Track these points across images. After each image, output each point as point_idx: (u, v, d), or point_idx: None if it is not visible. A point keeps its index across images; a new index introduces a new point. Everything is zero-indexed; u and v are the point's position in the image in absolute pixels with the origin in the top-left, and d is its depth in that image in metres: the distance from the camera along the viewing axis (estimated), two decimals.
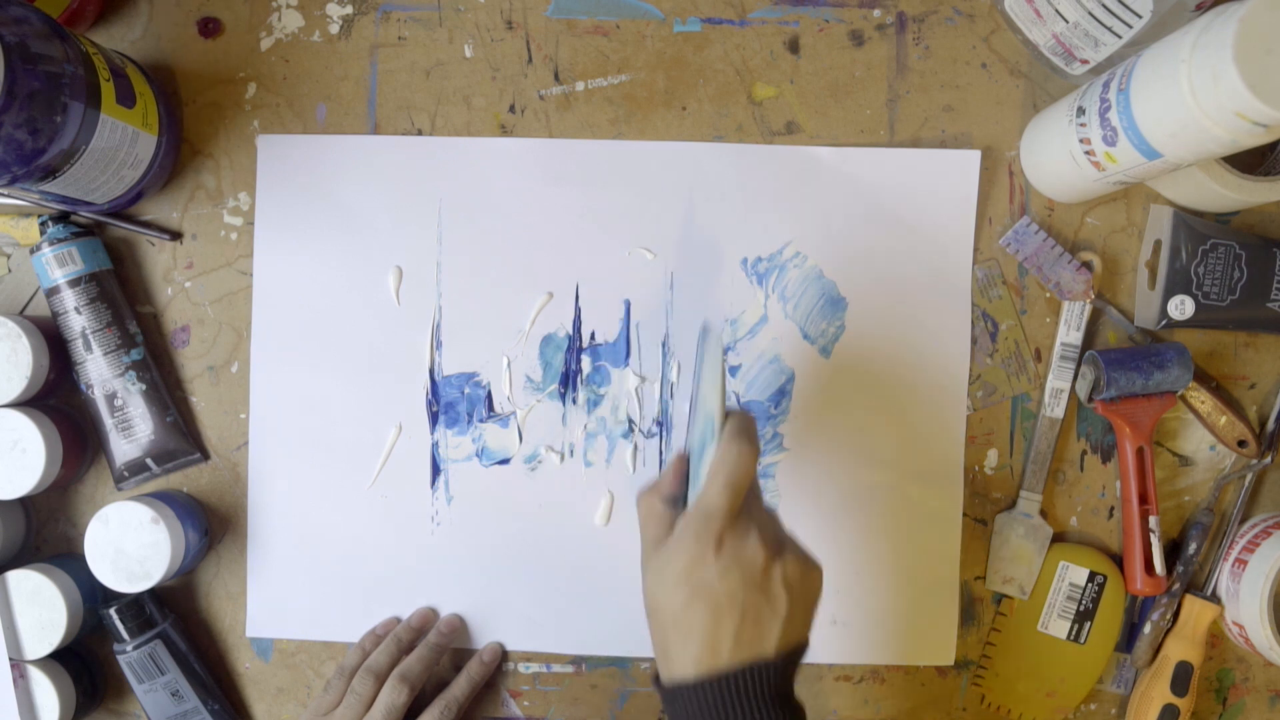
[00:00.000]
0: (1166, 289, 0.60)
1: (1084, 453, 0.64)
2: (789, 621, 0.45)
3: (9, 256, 0.63)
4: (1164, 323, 0.60)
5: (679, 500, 0.49)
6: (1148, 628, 0.62)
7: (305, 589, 0.63)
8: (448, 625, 0.62)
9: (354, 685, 0.57)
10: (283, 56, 0.63)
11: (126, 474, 0.61)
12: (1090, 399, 0.62)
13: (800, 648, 0.46)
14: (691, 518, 0.46)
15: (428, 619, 0.62)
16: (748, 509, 0.47)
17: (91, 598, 0.60)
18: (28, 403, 0.59)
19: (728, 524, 0.45)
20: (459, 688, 0.60)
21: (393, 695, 0.56)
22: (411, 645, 0.60)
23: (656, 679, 0.46)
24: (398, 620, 0.63)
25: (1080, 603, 0.61)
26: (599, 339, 0.63)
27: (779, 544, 0.47)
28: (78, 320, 0.59)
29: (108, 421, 0.61)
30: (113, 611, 0.59)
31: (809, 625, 0.47)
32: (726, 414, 0.48)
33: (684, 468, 0.50)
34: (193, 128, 0.63)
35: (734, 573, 0.44)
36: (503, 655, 0.63)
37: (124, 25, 0.63)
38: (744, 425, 0.47)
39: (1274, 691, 0.64)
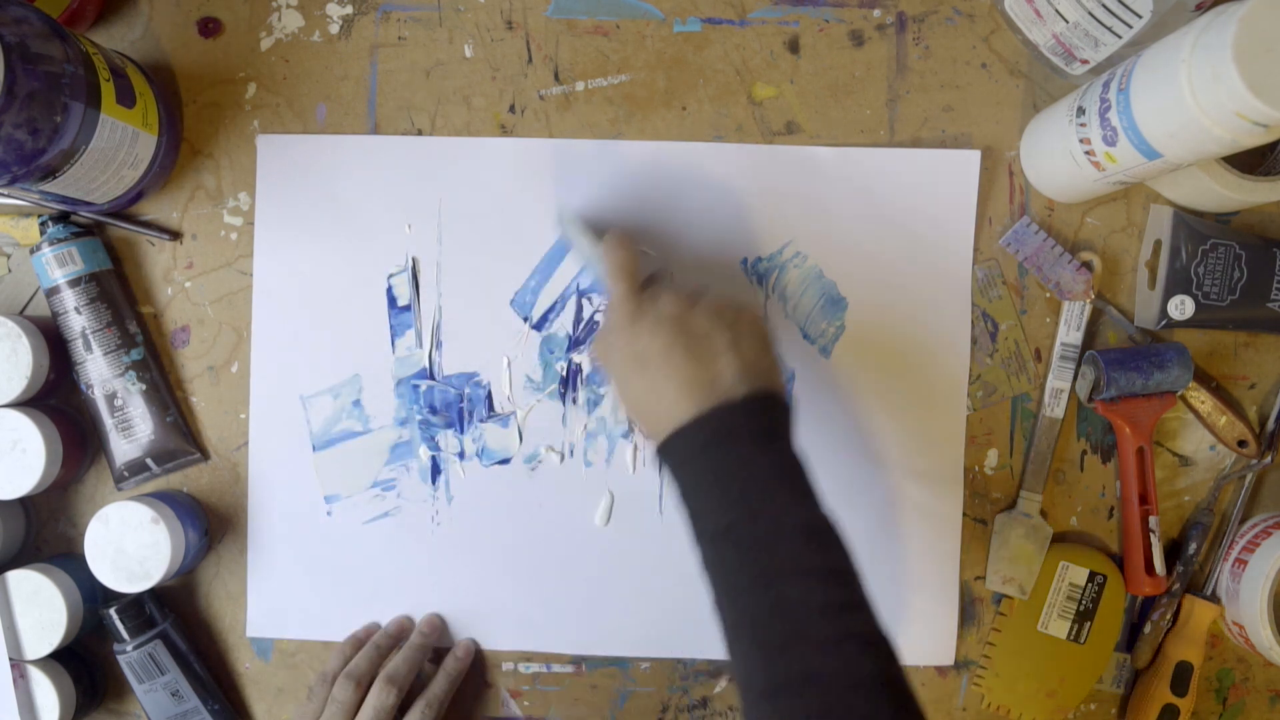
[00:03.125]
0: (1166, 289, 0.60)
1: (1084, 453, 0.64)
2: (736, 352, 0.48)
3: (9, 256, 0.63)
4: (1164, 323, 0.60)
5: None
6: (1148, 628, 0.62)
7: (305, 589, 0.63)
8: (429, 625, 0.62)
9: (334, 693, 0.57)
10: (283, 56, 0.63)
11: (126, 474, 0.61)
12: (1090, 399, 0.62)
13: (770, 393, 0.48)
14: (608, 312, 0.53)
15: (405, 627, 0.62)
16: (653, 283, 0.54)
17: (91, 598, 0.60)
18: (28, 403, 0.59)
19: (633, 301, 0.52)
20: (439, 685, 0.60)
21: (381, 697, 0.56)
22: (390, 652, 0.60)
23: (655, 451, 0.50)
24: (378, 626, 0.63)
25: (1080, 603, 0.61)
26: None
27: (694, 296, 0.51)
28: (78, 320, 0.59)
29: (108, 421, 0.61)
30: (113, 611, 0.59)
31: (770, 368, 0.50)
32: (596, 242, 0.55)
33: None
34: (193, 128, 0.63)
35: (659, 329, 0.49)
36: (477, 650, 0.63)
37: (124, 25, 0.63)
38: (613, 234, 0.55)
39: (1274, 691, 0.64)
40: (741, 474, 0.46)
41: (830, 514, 0.46)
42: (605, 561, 0.62)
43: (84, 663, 0.61)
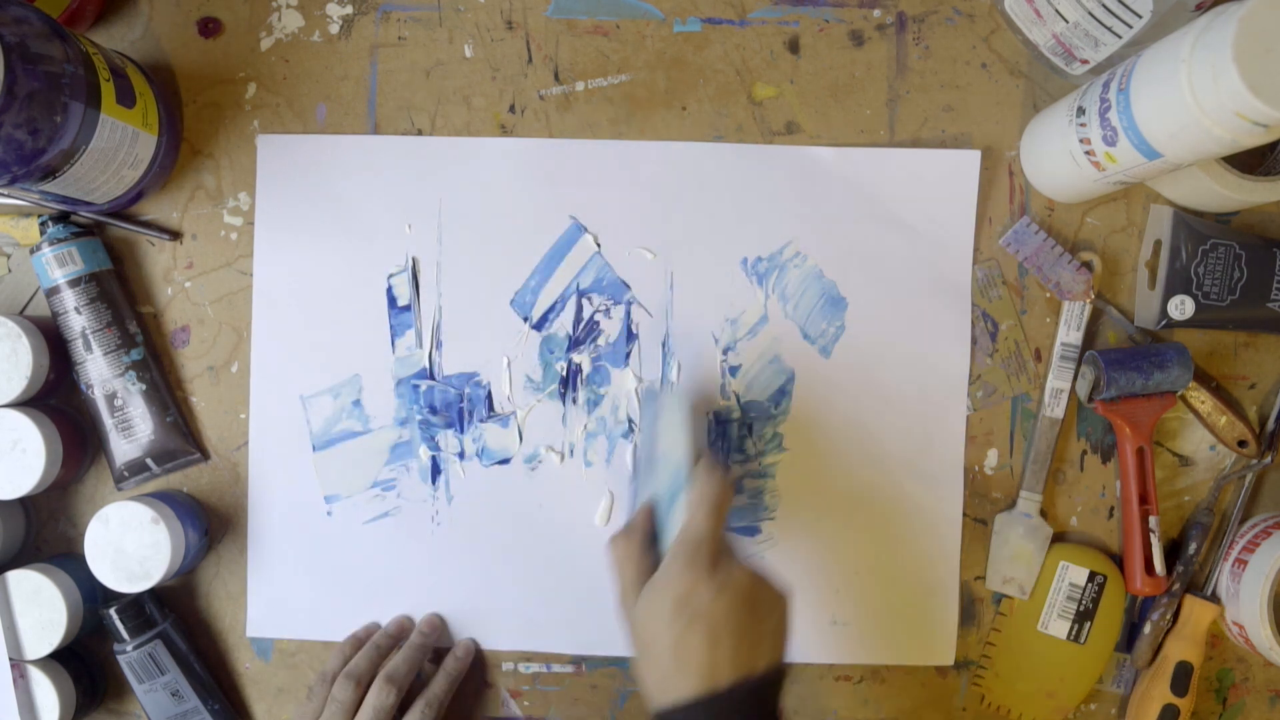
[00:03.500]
0: (1166, 289, 0.60)
1: (1084, 453, 0.64)
2: (774, 639, 0.48)
3: (9, 256, 0.63)
4: (1164, 323, 0.60)
5: (652, 545, 0.52)
6: (1148, 628, 0.62)
7: (305, 589, 0.63)
8: (429, 625, 0.62)
9: (334, 693, 0.57)
10: (283, 56, 0.63)
11: (126, 474, 0.61)
12: (1090, 399, 0.62)
13: (784, 668, 0.49)
14: (680, 548, 0.49)
15: (405, 627, 0.62)
16: (729, 540, 0.51)
17: (91, 598, 0.60)
18: (28, 403, 0.59)
19: (716, 548, 0.49)
20: (438, 685, 0.60)
21: (381, 697, 0.56)
22: (390, 651, 0.60)
23: (656, 710, 0.48)
24: (378, 626, 0.63)
25: (1080, 603, 0.61)
26: (599, 339, 0.63)
27: (757, 569, 0.50)
28: (78, 320, 0.59)
29: (108, 421, 0.61)
30: (113, 611, 0.59)
31: (786, 646, 0.50)
32: (697, 460, 0.52)
33: (651, 517, 0.54)
34: (193, 128, 0.63)
35: (726, 595, 0.47)
36: (477, 650, 0.63)
37: (124, 25, 0.63)
38: (715, 460, 0.52)
39: (1274, 691, 0.64)
40: None
41: None
42: (605, 561, 0.62)
43: (84, 663, 0.61)
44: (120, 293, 0.61)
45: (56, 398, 0.62)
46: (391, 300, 0.63)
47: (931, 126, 0.63)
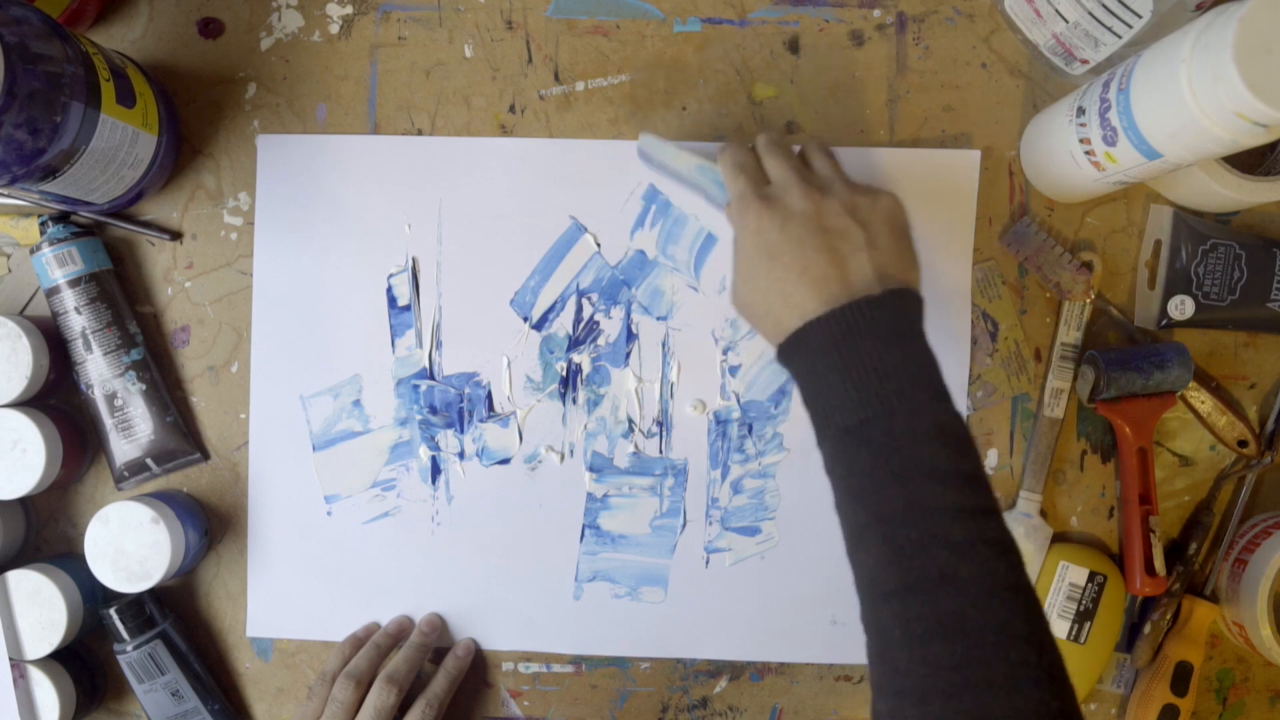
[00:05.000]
0: (1166, 289, 0.60)
1: (1084, 453, 0.64)
2: (873, 250, 0.47)
3: (9, 256, 0.63)
4: (1164, 323, 0.60)
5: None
6: (1148, 628, 0.62)
7: (305, 589, 0.63)
8: (429, 625, 0.62)
9: (334, 693, 0.57)
10: (283, 56, 0.63)
11: (126, 474, 0.61)
12: (1090, 399, 0.62)
13: (906, 289, 0.48)
14: (732, 204, 0.52)
15: (405, 627, 0.62)
16: (782, 181, 0.51)
17: (91, 598, 0.60)
18: (28, 403, 0.59)
19: (759, 195, 0.50)
20: (439, 685, 0.60)
21: (382, 697, 0.56)
22: (389, 651, 0.60)
23: (778, 350, 0.49)
24: (378, 626, 0.63)
25: (1080, 603, 0.61)
26: (599, 339, 0.63)
27: (825, 186, 0.50)
28: (78, 320, 0.59)
29: (108, 421, 0.61)
30: (113, 611, 0.59)
31: (906, 263, 0.49)
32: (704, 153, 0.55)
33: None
34: (193, 128, 0.63)
35: (789, 224, 0.48)
36: (477, 649, 0.63)
37: (124, 25, 0.63)
38: (728, 141, 0.55)
39: (1274, 691, 0.64)
40: (876, 371, 0.44)
41: (961, 416, 0.46)
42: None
43: (84, 663, 0.61)
44: (120, 293, 0.61)
45: (56, 398, 0.62)
46: (391, 300, 0.63)
47: (931, 126, 0.63)
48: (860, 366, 0.44)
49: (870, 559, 0.43)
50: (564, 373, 0.63)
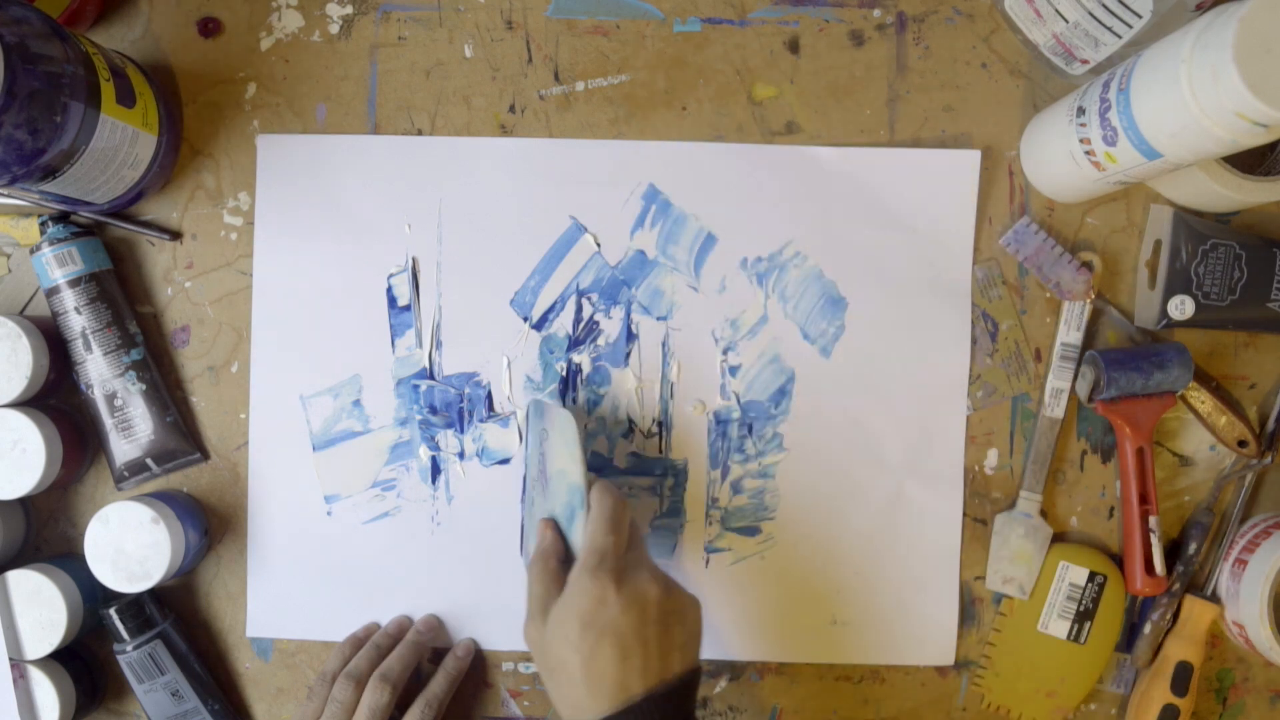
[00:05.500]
0: (1166, 289, 0.60)
1: (1084, 453, 0.64)
2: (685, 649, 0.49)
3: (9, 256, 0.63)
4: (1164, 323, 0.60)
5: (566, 566, 0.53)
6: (1148, 628, 0.62)
7: (305, 589, 0.63)
8: (425, 625, 0.62)
9: (334, 693, 0.57)
10: (283, 56, 0.63)
11: (126, 474, 0.61)
12: (1090, 399, 0.62)
13: (697, 672, 0.49)
14: (584, 561, 0.50)
15: (404, 627, 0.62)
16: (636, 552, 0.52)
17: (91, 598, 0.60)
18: (28, 403, 0.59)
19: (621, 561, 0.50)
20: (438, 684, 0.60)
21: (376, 696, 0.56)
22: (390, 651, 0.60)
23: None
24: (378, 626, 0.63)
25: (1080, 603, 0.61)
26: (599, 339, 0.63)
27: (665, 580, 0.50)
28: (78, 320, 0.59)
29: (108, 421, 0.61)
30: (113, 611, 0.59)
31: (698, 653, 0.51)
32: (588, 478, 0.53)
33: (559, 532, 0.55)
34: (193, 128, 0.63)
35: (634, 608, 0.48)
36: (477, 649, 0.63)
37: (124, 25, 0.63)
38: (604, 481, 0.53)
39: (1274, 691, 0.64)
40: None
41: None
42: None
43: (84, 663, 0.61)
44: (120, 293, 0.61)
45: (56, 398, 0.62)
46: (391, 300, 0.63)
47: (931, 126, 0.63)
48: None
49: None
50: (564, 373, 0.63)
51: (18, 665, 0.58)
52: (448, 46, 0.63)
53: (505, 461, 0.63)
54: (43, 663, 0.58)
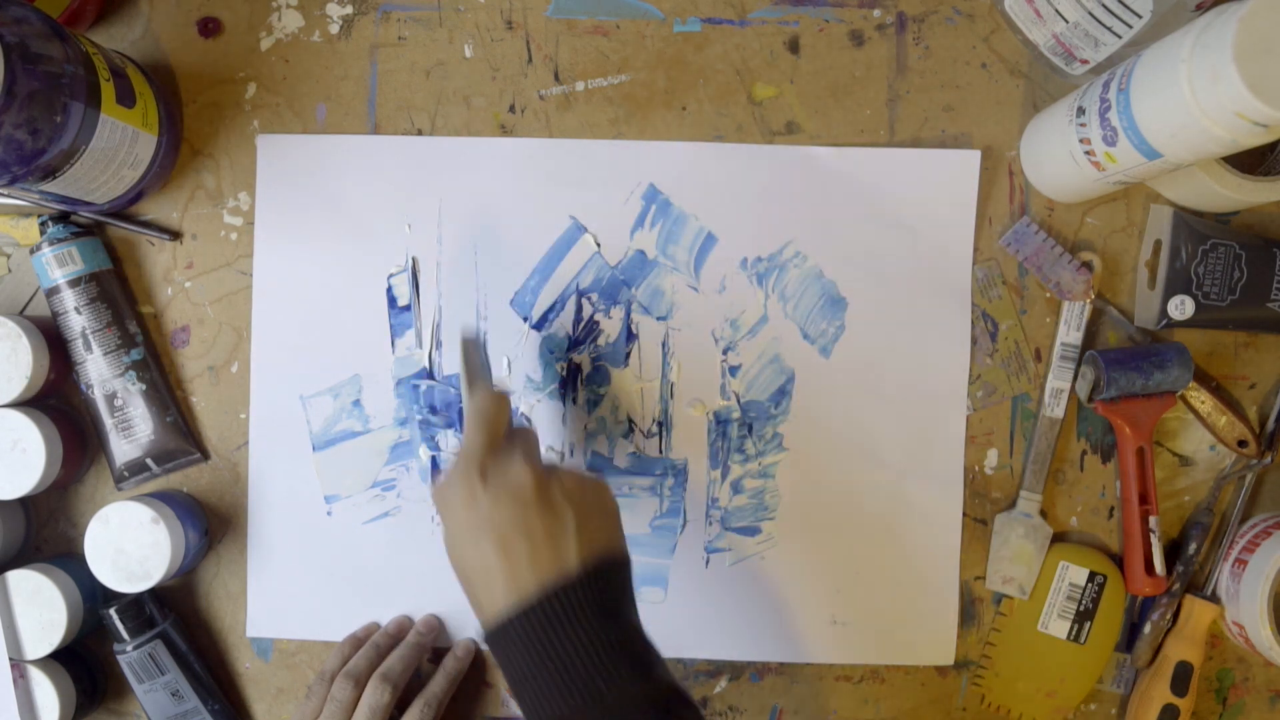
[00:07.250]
0: (1166, 289, 0.60)
1: (1084, 453, 0.64)
2: (582, 533, 0.46)
3: (9, 256, 0.63)
4: (1164, 323, 0.60)
5: None
6: (1148, 628, 0.62)
7: (305, 589, 0.63)
8: (426, 625, 0.62)
9: (334, 692, 0.57)
10: (283, 56, 0.63)
11: (126, 474, 0.61)
12: (1090, 399, 0.62)
13: (611, 559, 0.46)
14: (455, 463, 0.48)
15: (404, 627, 0.62)
16: (510, 445, 0.48)
17: (91, 598, 0.60)
18: (28, 403, 0.59)
19: (488, 457, 0.47)
20: (437, 684, 0.60)
21: (376, 695, 0.56)
22: (390, 651, 0.60)
23: (485, 637, 0.46)
24: (377, 626, 0.63)
25: (1080, 603, 0.61)
26: (599, 339, 0.63)
27: (546, 467, 0.48)
28: (78, 320, 0.59)
29: (108, 421, 0.61)
30: (113, 611, 0.59)
31: (614, 537, 0.48)
32: (471, 385, 0.53)
33: None
34: (193, 128, 0.63)
35: (505, 499, 0.45)
36: (476, 649, 0.63)
37: (124, 25, 0.63)
38: (484, 383, 0.52)
39: (1274, 691, 0.64)
40: (581, 656, 0.43)
41: (676, 683, 0.45)
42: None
43: (84, 663, 0.61)
44: (120, 293, 0.61)
45: (56, 398, 0.62)
46: (391, 300, 0.63)
47: (931, 126, 0.63)
48: (564, 655, 0.43)
49: None
50: (564, 373, 0.63)
51: (18, 665, 0.58)
52: (448, 46, 0.63)
53: None
54: (43, 663, 0.58)
